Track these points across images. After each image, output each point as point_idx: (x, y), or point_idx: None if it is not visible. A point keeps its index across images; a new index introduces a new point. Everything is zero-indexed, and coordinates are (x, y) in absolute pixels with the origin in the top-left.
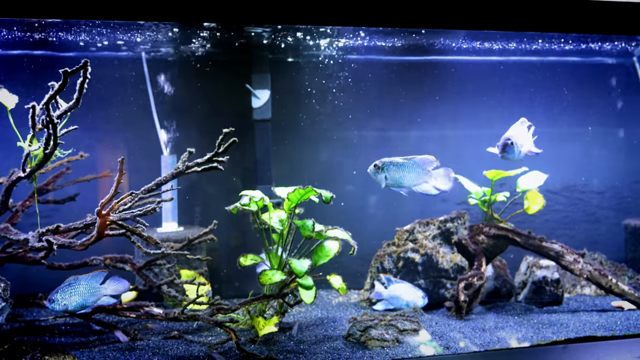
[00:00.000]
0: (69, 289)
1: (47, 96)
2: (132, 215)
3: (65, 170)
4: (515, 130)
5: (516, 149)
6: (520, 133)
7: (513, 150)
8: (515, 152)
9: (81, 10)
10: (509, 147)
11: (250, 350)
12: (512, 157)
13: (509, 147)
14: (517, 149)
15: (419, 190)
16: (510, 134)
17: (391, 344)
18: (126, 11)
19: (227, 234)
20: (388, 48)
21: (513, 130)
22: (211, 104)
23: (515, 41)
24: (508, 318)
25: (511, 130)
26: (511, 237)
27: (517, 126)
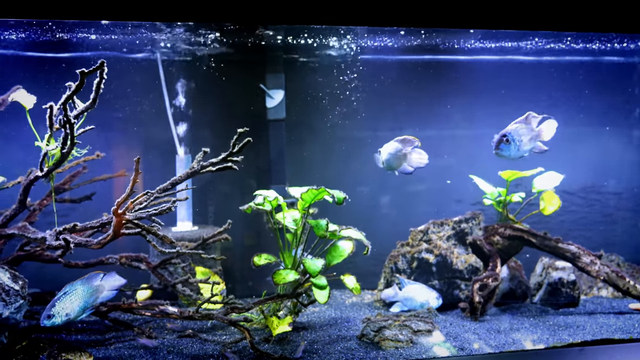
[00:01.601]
0: (67, 296)
1: (64, 96)
2: (148, 214)
3: (81, 169)
4: (516, 126)
5: (513, 146)
6: (522, 129)
7: (509, 148)
8: (512, 149)
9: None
10: (503, 145)
11: (264, 350)
12: (508, 156)
13: (503, 144)
14: (515, 146)
15: (399, 170)
16: (509, 129)
17: (405, 344)
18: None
19: (241, 233)
20: (402, 47)
21: (513, 125)
22: (225, 104)
23: (531, 40)
24: (523, 320)
25: (511, 125)
26: (527, 238)
27: (519, 120)
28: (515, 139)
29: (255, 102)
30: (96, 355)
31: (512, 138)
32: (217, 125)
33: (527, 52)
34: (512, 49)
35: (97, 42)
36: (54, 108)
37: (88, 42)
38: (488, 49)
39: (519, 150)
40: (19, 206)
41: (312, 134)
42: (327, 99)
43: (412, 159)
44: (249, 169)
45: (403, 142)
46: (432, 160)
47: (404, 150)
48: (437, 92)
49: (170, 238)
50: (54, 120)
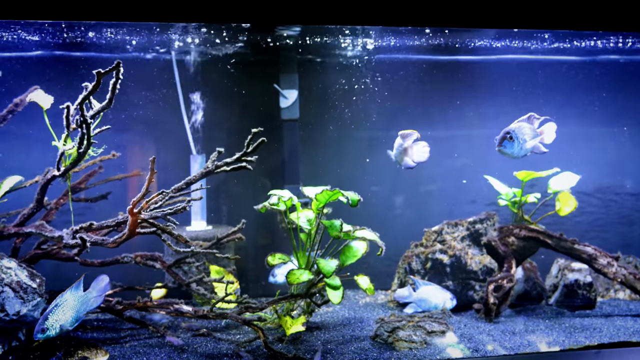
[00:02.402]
0: (59, 308)
1: (81, 96)
2: (163, 213)
3: (97, 169)
4: (519, 124)
5: (516, 144)
6: (525, 128)
7: (512, 146)
8: (515, 147)
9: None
10: (506, 142)
11: (277, 349)
12: (511, 153)
13: (507, 141)
14: (518, 144)
15: (403, 165)
16: (512, 127)
17: (419, 345)
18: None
19: (255, 233)
20: (416, 47)
21: (517, 124)
22: (239, 104)
23: (547, 40)
24: (538, 321)
25: (515, 123)
26: (542, 239)
27: (522, 120)
28: (519, 136)
29: (269, 102)
30: (112, 353)
31: (515, 136)
32: (231, 125)
33: (541, 51)
34: (527, 49)
35: (112, 43)
36: (71, 108)
37: (103, 43)
38: (502, 48)
39: (522, 148)
40: (36, 205)
41: (325, 134)
42: (340, 99)
43: (413, 153)
44: (263, 169)
45: (403, 136)
46: (446, 161)
47: (404, 145)
48: (451, 91)
49: (185, 237)
50: (71, 120)
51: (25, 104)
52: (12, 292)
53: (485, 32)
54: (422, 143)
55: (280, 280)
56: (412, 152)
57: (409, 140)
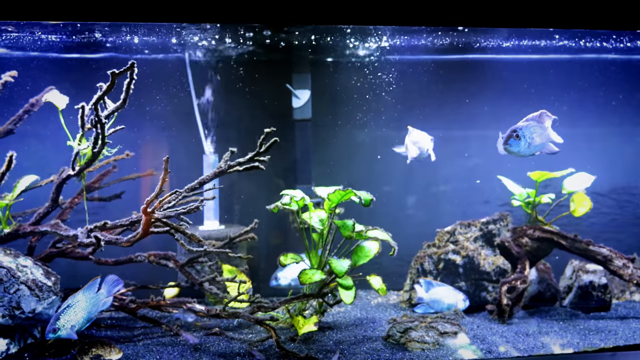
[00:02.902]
0: (70, 309)
1: (95, 97)
2: (176, 213)
3: (111, 168)
4: (528, 122)
5: (523, 143)
6: (534, 126)
7: (519, 144)
8: (522, 146)
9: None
10: (512, 140)
11: (289, 349)
12: (517, 152)
13: (513, 139)
14: (525, 143)
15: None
16: (520, 124)
17: (432, 346)
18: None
19: (267, 232)
20: (428, 47)
21: (525, 122)
22: (252, 103)
23: (562, 38)
24: (552, 323)
25: (523, 121)
26: (556, 240)
27: (532, 117)
28: (526, 135)
29: (281, 102)
30: (125, 351)
31: (522, 134)
32: (244, 124)
33: (557, 50)
34: (541, 47)
35: (126, 43)
36: (86, 108)
37: (117, 43)
38: (516, 47)
39: (529, 147)
40: (51, 204)
41: (338, 133)
42: (353, 99)
43: (408, 148)
44: (275, 169)
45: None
46: (459, 161)
47: (406, 138)
48: (464, 91)
49: (198, 236)
50: (86, 120)
51: (41, 104)
52: (28, 290)
53: (498, 31)
54: (422, 134)
55: (284, 283)
56: (414, 142)
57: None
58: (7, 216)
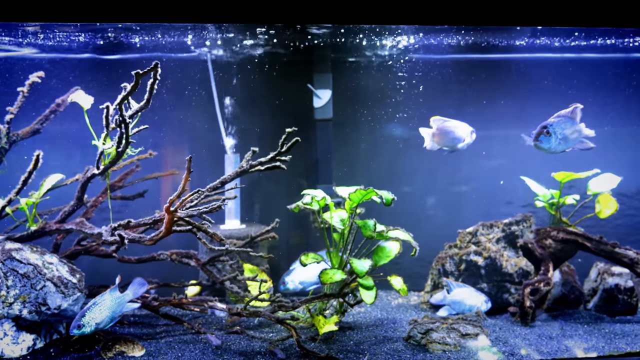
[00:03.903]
0: (96, 307)
1: (120, 97)
2: (199, 212)
3: (135, 167)
4: (559, 118)
5: (554, 139)
6: (565, 122)
7: (549, 141)
8: (552, 142)
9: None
10: (543, 137)
11: (310, 348)
12: (548, 149)
13: (543, 136)
14: (556, 139)
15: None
16: (550, 120)
17: (453, 348)
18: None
19: (287, 232)
20: (451, 46)
21: (555, 118)
22: (273, 103)
23: (587, 38)
24: (577, 326)
25: (553, 117)
26: (581, 242)
27: (563, 113)
28: (557, 131)
29: (302, 102)
30: (148, 348)
31: (553, 130)
32: (265, 124)
33: (582, 49)
34: (566, 46)
35: (148, 44)
36: (110, 108)
37: (139, 44)
38: (540, 46)
39: (560, 144)
40: (76, 202)
41: (359, 133)
42: (374, 99)
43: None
44: (296, 169)
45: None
46: (481, 161)
47: (431, 129)
48: (487, 91)
49: (220, 235)
50: (110, 120)
51: (67, 104)
52: (54, 287)
53: (522, 30)
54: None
55: (291, 287)
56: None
57: (436, 124)
58: (34, 214)
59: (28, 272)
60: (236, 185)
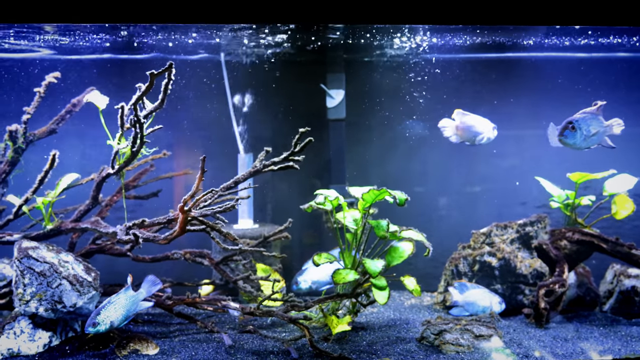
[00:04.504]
0: (111, 305)
1: (134, 97)
2: (213, 211)
3: (149, 167)
4: (585, 114)
5: (579, 134)
6: (591, 119)
7: (574, 136)
8: (577, 138)
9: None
10: (568, 132)
11: (323, 348)
12: (573, 144)
13: (568, 131)
14: (581, 135)
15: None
16: (576, 116)
17: (466, 349)
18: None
19: (299, 232)
20: (464, 46)
21: (582, 114)
22: (286, 103)
23: (602, 37)
24: (592, 329)
25: (579, 113)
26: (597, 244)
27: (589, 110)
28: (582, 127)
29: (315, 102)
30: (162, 347)
31: (578, 126)
32: (279, 124)
33: (598, 48)
34: (579, 45)
35: (161, 44)
36: (125, 108)
37: (152, 44)
38: (554, 45)
39: (585, 139)
40: (92, 202)
41: (372, 133)
42: (387, 98)
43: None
44: (309, 169)
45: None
46: (495, 161)
47: (455, 122)
48: (501, 90)
49: (233, 235)
50: (125, 120)
51: (82, 104)
52: (69, 285)
53: (536, 29)
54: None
55: (304, 287)
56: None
57: (459, 118)
58: (50, 213)
59: (44, 270)
60: (249, 185)
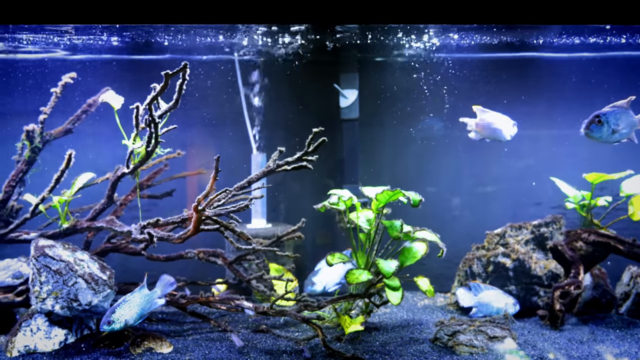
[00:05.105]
0: (126, 304)
1: (149, 97)
2: (227, 211)
3: (163, 167)
4: (613, 109)
5: (606, 129)
6: (620, 113)
7: (600, 130)
8: (604, 132)
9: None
10: (594, 126)
11: (335, 348)
12: (599, 138)
13: (595, 125)
14: (608, 129)
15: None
16: (604, 110)
17: (480, 350)
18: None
19: (313, 232)
20: (479, 45)
21: (610, 108)
22: (300, 103)
23: (617, 35)
24: (608, 331)
25: (608, 107)
26: (613, 245)
27: (618, 104)
28: (610, 121)
29: (329, 102)
30: (175, 345)
31: (605, 120)
32: (292, 124)
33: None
34: (596, 45)
35: (176, 45)
36: (140, 108)
37: (167, 45)
38: (570, 45)
39: (612, 134)
40: (107, 201)
41: (385, 133)
42: (400, 98)
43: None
44: (322, 169)
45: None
46: (510, 161)
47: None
48: (515, 90)
49: (247, 235)
50: (140, 120)
51: (98, 104)
52: (85, 283)
53: (550, 28)
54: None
55: (319, 289)
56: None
57: (479, 115)
58: (66, 212)
59: (60, 268)
60: (263, 185)
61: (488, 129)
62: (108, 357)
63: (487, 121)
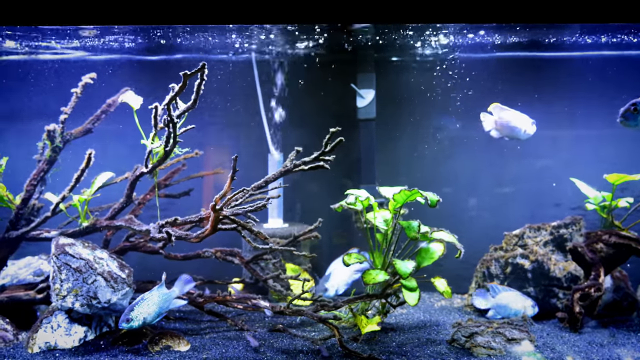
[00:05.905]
0: (144, 302)
1: (168, 97)
2: (244, 211)
3: (181, 166)
4: None
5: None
6: None
7: (636, 118)
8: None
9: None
10: (630, 114)
11: (352, 348)
12: (635, 126)
13: (630, 113)
14: None
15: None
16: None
17: (498, 352)
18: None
19: (328, 231)
20: (497, 44)
21: None
22: (317, 103)
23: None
24: (629, 334)
25: None
26: (635, 247)
27: None
28: None
29: (346, 102)
30: (193, 344)
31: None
32: (309, 124)
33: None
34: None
35: (193, 45)
36: (159, 108)
37: (184, 45)
38: (590, 44)
39: None
40: (126, 200)
41: (402, 133)
42: (417, 98)
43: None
44: (339, 169)
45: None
46: (529, 162)
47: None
48: (535, 90)
49: (264, 234)
50: (158, 120)
51: (117, 104)
52: (104, 281)
53: (570, 27)
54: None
55: (331, 293)
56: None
57: (497, 113)
58: (86, 211)
59: (80, 266)
60: (280, 185)
61: (507, 127)
62: (126, 354)
63: (505, 119)
